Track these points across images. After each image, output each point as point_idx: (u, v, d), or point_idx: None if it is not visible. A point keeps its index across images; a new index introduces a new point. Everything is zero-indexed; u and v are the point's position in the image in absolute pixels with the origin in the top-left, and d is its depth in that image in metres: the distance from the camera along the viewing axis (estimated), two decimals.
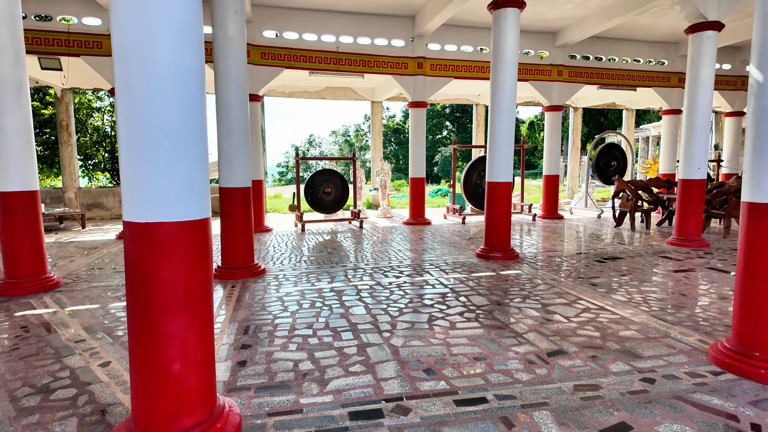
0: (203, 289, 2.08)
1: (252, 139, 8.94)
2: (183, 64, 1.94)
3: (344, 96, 13.18)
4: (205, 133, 2.12)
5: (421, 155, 10.05)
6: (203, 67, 2.09)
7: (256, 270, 5.44)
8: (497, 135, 6.24)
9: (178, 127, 1.95)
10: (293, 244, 7.62)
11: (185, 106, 1.96)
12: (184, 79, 1.94)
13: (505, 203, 6.30)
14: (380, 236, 8.46)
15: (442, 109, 48.28)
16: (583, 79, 11.12)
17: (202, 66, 2.06)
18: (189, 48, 1.96)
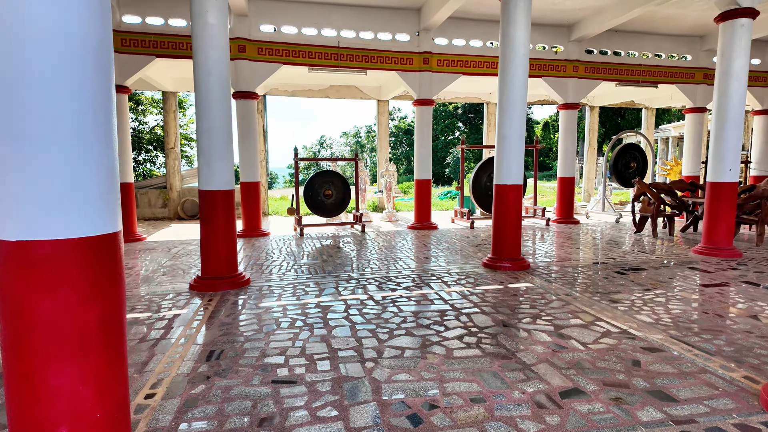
0: (106, 327, 1.60)
1: (248, 139, 8.52)
2: (68, 30, 1.45)
3: (349, 95, 12.71)
4: (111, 123, 1.64)
5: (426, 156, 9.52)
6: (108, 35, 1.61)
7: (239, 280, 4.97)
8: (506, 133, 5.69)
9: (63, 114, 1.46)
10: (288, 251, 7.14)
11: (72, 85, 1.47)
12: (69, 48, 1.46)
13: (514, 208, 5.74)
14: (382, 242, 7.95)
15: (454, 109, 47.65)
16: (600, 76, 10.48)
17: (103, 34, 1.57)
18: (78, 7, 1.47)
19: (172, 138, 11.86)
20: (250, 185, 8.72)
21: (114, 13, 7.83)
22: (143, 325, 3.77)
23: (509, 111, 5.64)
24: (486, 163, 10.14)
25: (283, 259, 6.49)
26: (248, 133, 8.60)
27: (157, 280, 5.32)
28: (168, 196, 11.88)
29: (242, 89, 8.44)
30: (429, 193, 9.68)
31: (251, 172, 8.70)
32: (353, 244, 7.71)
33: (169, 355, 3.15)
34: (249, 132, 8.60)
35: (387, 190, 11.09)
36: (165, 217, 11.89)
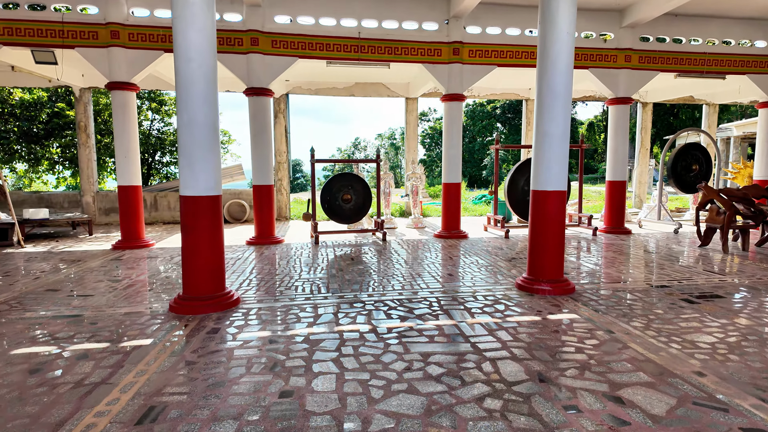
0: None
1: (261, 139, 7.91)
2: None
3: (375, 92, 11.95)
4: None
5: (456, 156, 8.60)
6: None
7: (225, 301, 4.26)
8: (546, 129, 4.73)
9: None
10: (296, 262, 6.42)
11: None
12: None
13: (555, 219, 4.76)
14: (402, 253, 7.10)
15: (493, 110, 46.16)
16: (656, 66, 9.22)
17: None
18: None
19: None
20: (262, 189, 8.08)
21: (121, 7, 7.39)
22: (92, 360, 3.10)
23: (550, 102, 4.68)
24: (524, 165, 9.11)
25: (287, 272, 5.77)
26: (261, 133, 7.97)
27: (140, 296, 4.70)
28: None
29: (255, 85, 7.82)
30: (458, 198, 8.75)
31: (264, 174, 8.07)
32: (370, 255, 6.90)
33: (97, 410, 2.45)
34: (262, 132, 7.97)
35: (413, 194, 10.23)
36: None
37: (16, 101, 14.34)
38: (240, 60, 7.78)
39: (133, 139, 7.71)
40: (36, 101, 14.52)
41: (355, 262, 6.39)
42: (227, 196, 11.66)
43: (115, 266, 6.22)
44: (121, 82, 7.47)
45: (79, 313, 4.14)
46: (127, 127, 7.61)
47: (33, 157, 15.40)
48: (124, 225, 7.75)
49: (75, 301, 4.54)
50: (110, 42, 7.37)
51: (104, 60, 7.43)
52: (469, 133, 47.05)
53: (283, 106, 11.66)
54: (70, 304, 4.44)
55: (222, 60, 7.73)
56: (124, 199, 7.72)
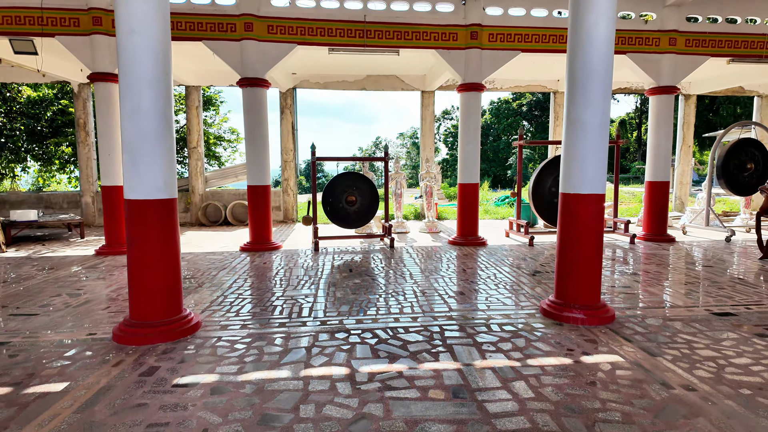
0: None
1: (255, 135, 7.18)
2: None
3: (389, 86, 11.09)
4: None
5: (473, 153, 7.67)
6: None
7: (179, 328, 3.49)
8: (580, 116, 3.79)
9: None
10: (286, 274, 5.64)
11: None
12: None
13: (592, 230, 3.82)
14: (410, 263, 6.23)
15: (519, 107, 44.69)
16: (706, 50, 8.07)
17: None
18: None
19: (194, 136, 10.87)
20: (257, 189, 7.34)
21: None
22: None
23: (585, 83, 3.73)
24: (552, 163, 8.10)
25: (271, 287, 4.98)
26: (257, 128, 7.23)
27: (91, 318, 3.98)
28: (190, 200, 10.90)
29: (249, 75, 7.09)
30: (476, 200, 7.81)
31: (259, 173, 7.32)
32: (372, 266, 6.06)
33: None
34: (257, 127, 7.23)
35: (427, 196, 9.33)
36: (186, 222, 10.92)
37: (24, 99, 14.09)
38: (233, 48, 7.05)
39: (117, 135, 7.08)
40: (42, 98, 14.24)
41: (353, 274, 5.56)
42: (230, 197, 11.02)
43: (85, 276, 5.57)
44: (104, 73, 6.85)
45: (6, 340, 3.44)
46: (112, 123, 6.99)
47: (44, 156, 15.17)
48: (109, 229, 7.14)
49: (12, 322, 3.85)
50: (93, 29, 6.76)
51: (86, 49, 6.82)
52: (493, 132, 45.70)
53: (290, 101, 10.94)
54: (5, 327, 3.75)
55: (213, 48, 7.03)
56: (108, 201, 7.11)
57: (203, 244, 8.05)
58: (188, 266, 6.11)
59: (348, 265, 6.18)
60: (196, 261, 6.48)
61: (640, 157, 39.02)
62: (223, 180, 11.63)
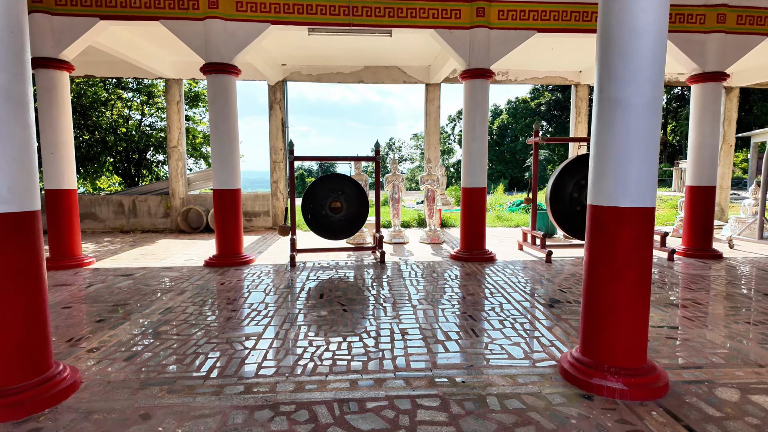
0: None
1: (221, 130, 6.16)
2: None
3: (389, 78, 9.97)
4: None
5: (479, 152, 6.48)
6: None
7: (36, 396, 2.43)
8: (618, 94, 2.60)
9: None
10: (237, 300, 4.56)
11: None
12: None
13: (637, 263, 2.62)
14: (398, 285, 5.09)
15: (537, 106, 43.10)
16: (762, 29, 6.74)
17: None
18: None
19: (175, 134, 9.91)
20: (224, 194, 6.29)
21: None
22: None
23: (627, 42, 2.55)
24: (574, 165, 6.86)
25: (209, 323, 3.90)
26: (222, 122, 6.18)
27: None
28: (170, 204, 9.95)
29: (214, 60, 6.05)
30: (483, 207, 6.62)
31: (226, 175, 6.27)
32: (351, 289, 4.94)
33: None
34: (223, 120, 6.18)
35: (429, 201, 8.17)
36: (166, 229, 9.97)
37: None
38: (195, 28, 6.03)
39: (63, 131, 6.12)
40: None
41: (324, 302, 4.45)
42: None
43: None
44: (46, 58, 5.89)
45: None
46: (56, 116, 6.03)
47: None
48: (53, 239, 6.17)
49: None
50: (31, 7, 5.81)
51: None
52: (511, 132, 44.17)
53: (279, 96, 9.90)
54: None
55: (173, 28, 6.02)
56: (52, 207, 6.15)
57: (169, 255, 7.04)
58: (132, 287, 5.08)
59: (322, 288, 5.07)
60: (145, 280, 5.45)
61: (666, 159, 37.06)
62: (207, 182, 10.67)
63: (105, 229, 9.90)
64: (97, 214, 9.89)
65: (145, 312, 4.17)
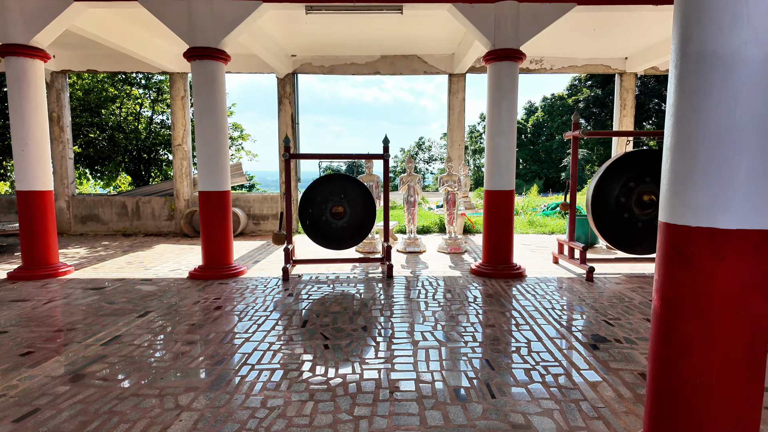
0: None
1: (207, 123, 5.41)
2: None
3: (408, 68, 9.05)
4: None
5: (505, 149, 5.48)
6: None
7: None
8: (715, 46, 1.60)
9: None
10: (203, 330, 3.76)
11: None
12: None
13: (749, 317, 1.62)
14: (402, 311, 4.18)
15: (575, 103, 41.06)
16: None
17: None
18: None
19: (179, 132, 9.32)
20: (210, 197, 5.54)
21: None
22: None
23: None
24: (620, 164, 5.74)
25: (149, 364, 3.11)
26: (208, 115, 5.43)
27: None
28: (174, 206, 9.37)
29: (200, 44, 5.31)
30: (510, 214, 5.61)
31: (214, 175, 5.52)
32: (344, 314, 4.06)
33: None
34: (209, 113, 5.43)
35: (449, 205, 7.19)
36: (170, 232, 9.40)
37: None
38: (178, 9, 5.30)
39: (37, 127, 5.53)
40: None
41: (305, 334, 3.59)
42: None
43: None
44: (15, 44, 5.30)
45: None
46: (28, 110, 5.44)
47: None
48: (26, 246, 5.58)
49: None
50: None
51: None
52: (546, 130, 42.29)
53: (289, 89, 9.15)
54: None
55: (154, 9, 5.32)
56: (24, 211, 5.55)
57: (157, 264, 6.37)
58: (94, 305, 4.39)
59: (310, 311, 4.21)
60: (113, 295, 4.75)
61: None
62: None
63: (108, 231, 9.42)
64: (100, 216, 9.42)
65: (87, 341, 3.42)
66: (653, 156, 5.62)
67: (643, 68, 8.98)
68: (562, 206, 5.91)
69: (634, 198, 5.75)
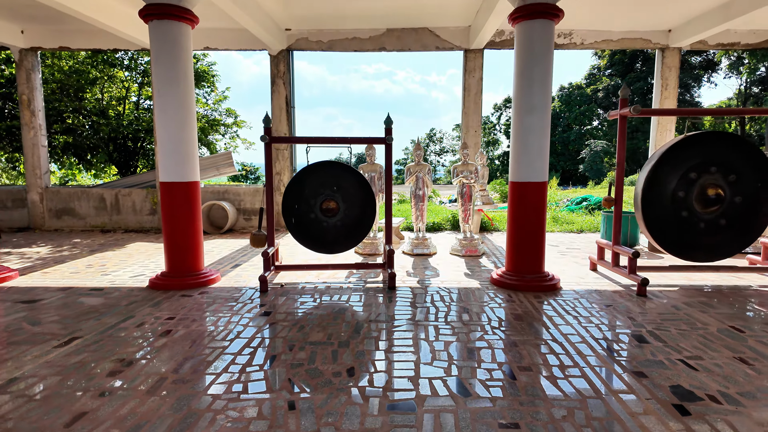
0: None
1: (170, 100, 4.41)
2: None
3: (418, 43, 7.96)
4: None
5: (538, 129, 4.39)
6: None
7: None
8: None
9: None
10: (120, 362, 2.78)
11: None
12: None
13: None
14: (401, 342, 3.17)
15: (593, 92, 39.49)
16: None
17: None
18: None
19: None
20: (173, 190, 4.56)
21: None
22: None
23: None
24: (678, 150, 4.62)
25: None
26: (170, 87, 4.42)
27: None
28: (156, 200, 8.44)
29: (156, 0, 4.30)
30: (541, 211, 4.53)
31: (177, 163, 4.53)
32: (323, 347, 3.05)
33: None
34: (172, 83, 4.42)
35: (464, 199, 6.12)
36: (152, 228, 8.49)
37: None
38: None
39: None
40: None
41: (267, 380, 2.60)
42: (207, 196, 8.43)
43: None
44: None
45: None
46: None
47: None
48: None
49: None
50: None
51: None
52: (563, 121, 40.72)
53: (283, 68, 8.12)
54: None
55: None
56: None
57: (121, 268, 5.44)
58: (9, 328, 3.45)
59: (282, 340, 3.21)
60: (47, 310, 3.81)
61: None
62: (203, 174, 9.09)
63: (85, 227, 8.54)
64: (76, 210, 8.53)
65: None
66: (728, 140, 4.49)
67: (689, 42, 7.78)
68: (606, 202, 4.81)
69: (696, 192, 4.64)
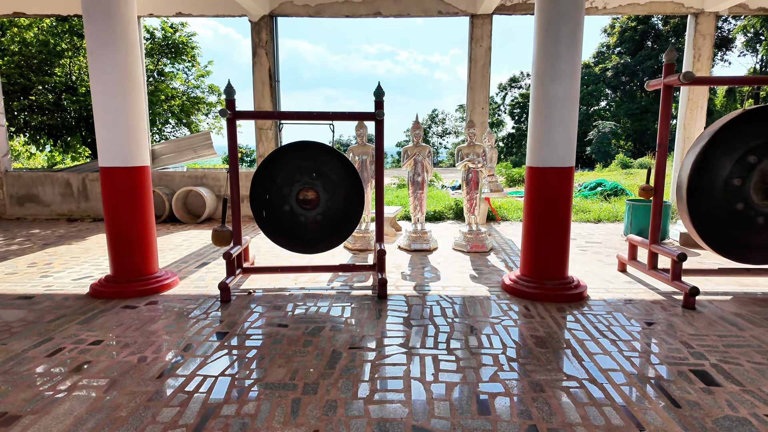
0: None
1: (110, 64, 3.54)
2: None
3: (418, 8, 7.01)
4: None
5: (565, 101, 3.52)
6: None
7: None
8: None
9: None
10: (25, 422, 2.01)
11: None
12: None
13: None
14: (392, 376, 2.38)
15: (602, 71, 38.12)
16: None
17: None
18: None
19: None
20: (115, 176, 3.74)
21: None
22: None
23: None
24: (733, 128, 3.76)
25: None
26: (108, 50, 3.56)
27: None
28: None
29: None
30: (567, 202, 3.70)
31: (123, 146, 3.70)
32: (288, 389, 2.27)
33: None
34: (109, 47, 3.56)
35: (470, 186, 5.29)
36: None
37: None
38: None
39: None
40: None
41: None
42: (184, 181, 7.60)
43: None
44: None
45: None
46: None
47: None
48: None
49: None
50: None
51: None
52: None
53: (265, 36, 7.20)
54: None
55: None
56: None
57: (70, 266, 4.67)
58: None
59: (227, 384, 2.43)
60: None
61: None
62: (179, 156, 8.23)
63: (51, 215, 7.75)
64: (40, 197, 7.73)
65: None
66: None
67: (728, 6, 6.82)
68: (643, 191, 3.96)
69: (755, 180, 3.80)
